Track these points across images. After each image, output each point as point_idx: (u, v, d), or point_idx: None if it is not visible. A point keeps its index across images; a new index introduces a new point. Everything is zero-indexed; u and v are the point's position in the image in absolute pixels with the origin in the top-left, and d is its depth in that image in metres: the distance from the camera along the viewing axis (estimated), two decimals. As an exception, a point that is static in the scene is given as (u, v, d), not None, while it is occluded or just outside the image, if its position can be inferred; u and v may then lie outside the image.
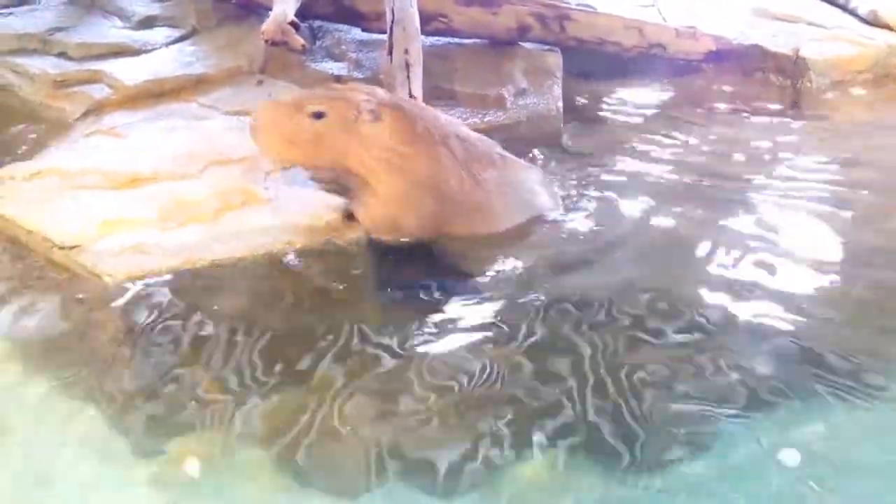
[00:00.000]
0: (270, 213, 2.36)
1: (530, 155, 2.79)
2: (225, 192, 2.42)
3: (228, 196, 2.40)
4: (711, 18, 3.74)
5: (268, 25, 2.19)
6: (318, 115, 2.17)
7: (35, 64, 3.13)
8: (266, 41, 2.18)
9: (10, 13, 3.49)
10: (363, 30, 3.36)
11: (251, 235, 2.27)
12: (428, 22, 3.26)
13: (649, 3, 3.91)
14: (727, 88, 3.49)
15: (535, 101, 3.13)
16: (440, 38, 3.40)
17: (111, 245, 2.20)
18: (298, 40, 2.19)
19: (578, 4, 3.54)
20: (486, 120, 3.04)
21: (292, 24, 2.19)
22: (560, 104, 3.14)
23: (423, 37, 3.34)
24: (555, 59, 3.32)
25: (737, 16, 3.83)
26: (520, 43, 3.37)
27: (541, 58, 3.33)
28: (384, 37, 2.94)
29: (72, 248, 2.20)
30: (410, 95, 2.50)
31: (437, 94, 3.13)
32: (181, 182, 2.44)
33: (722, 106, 3.36)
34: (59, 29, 3.33)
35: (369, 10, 3.23)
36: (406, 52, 2.68)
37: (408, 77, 2.57)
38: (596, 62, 3.43)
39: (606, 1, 3.63)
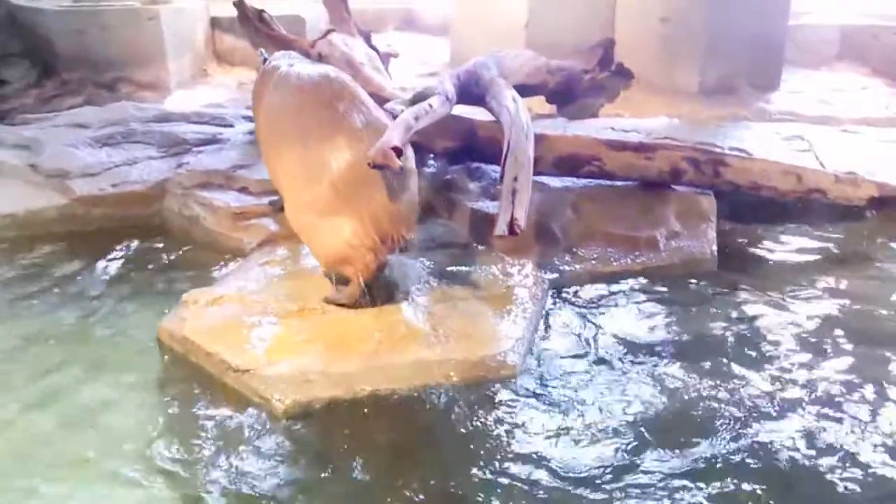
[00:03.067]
0: (429, 347, 2.41)
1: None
2: (387, 324, 2.51)
3: (390, 328, 2.49)
4: (873, 163, 3.64)
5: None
6: None
7: (219, 197, 3.45)
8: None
9: (202, 151, 3.92)
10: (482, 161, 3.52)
11: (410, 368, 2.33)
12: (582, 165, 3.37)
13: (805, 147, 3.86)
14: (892, 235, 3.33)
15: (688, 244, 3.10)
16: (592, 180, 3.47)
17: (280, 371, 2.30)
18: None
19: (731, 148, 3.55)
20: (638, 262, 3.04)
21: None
22: (714, 248, 3.09)
23: (576, 179, 3.46)
24: (709, 203, 3.31)
25: (900, 161, 3.71)
26: (673, 186, 3.40)
27: (694, 201, 3.32)
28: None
29: (244, 371, 2.32)
30: (513, 219, 2.55)
31: (590, 234, 3.18)
32: (347, 315, 2.55)
33: (886, 254, 3.19)
34: (241, 166, 3.68)
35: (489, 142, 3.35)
36: (515, 179, 2.75)
37: (512, 202, 2.63)
38: (752, 205, 3.37)
39: (762, 144, 3.62)
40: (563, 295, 2.89)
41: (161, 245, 3.33)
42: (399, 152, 2.37)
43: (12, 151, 3.91)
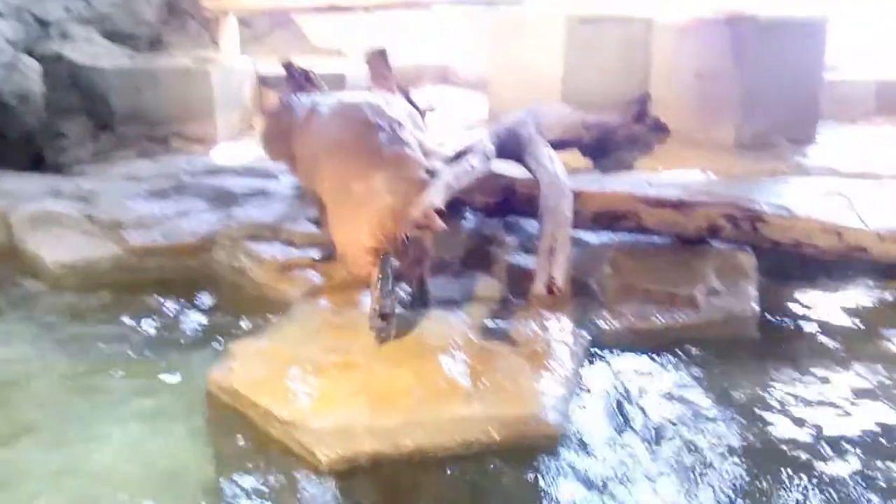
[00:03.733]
0: (469, 403, 2.44)
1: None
2: (427, 378, 2.56)
3: (431, 383, 2.53)
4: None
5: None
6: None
7: (265, 249, 3.56)
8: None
9: (249, 204, 4.06)
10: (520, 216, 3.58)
11: (451, 424, 2.36)
12: (619, 221, 3.42)
13: (845, 203, 3.85)
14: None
15: (728, 301, 3.11)
16: (629, 236, 3.51)
17: (325, 424, 2.36)
18: (439, 224, 2.43)
19: (770, 205, 3.56)
20: (678, 319, 3.05)
21: (437, 210, 2.44)
22: (755, 305, 3.09)
23: (612, 234, 3.51)
24: (748, 259, 3.32)
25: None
26: (710, 242, 3.42)
27: (733, 257, 3.34)
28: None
29: (289, 423, 2.38)
30: (551, 279, 2.59)
31: (627, 290, 3.20)
32: (389, 369, 2.61)
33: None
34: (287, 219, 3.82)
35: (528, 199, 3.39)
36: (553, 238, 2.80)
37: (550, 262, 2.67)
38: (793, 262, 3.37)
39: (800, 200, 3.62)
40: (603, 352, 2.91)
41: (210, 295, 3.44)
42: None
43: (71, 203, 4.10)
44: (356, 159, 2.81)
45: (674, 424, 2.50)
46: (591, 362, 2.84)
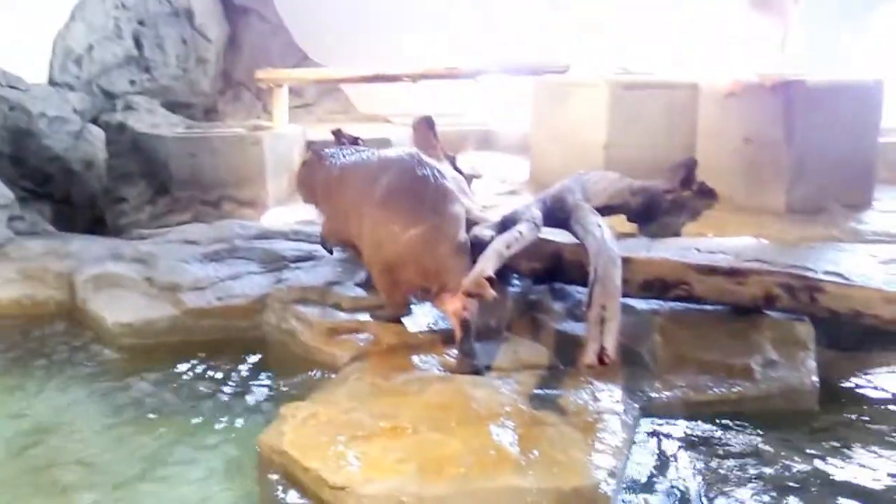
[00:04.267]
0: (520, 473, 2.39)
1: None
2: (477, 447, 2.52)
3: (481, 451, 2.49)
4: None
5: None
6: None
7: (313, 313, 3.61)
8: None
9: (299, 267, 4.13)
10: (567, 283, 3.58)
11: (502, 494, 2.31)
12: (669, 289, 3.38)
13: (905, 271, 3.75)
14: None
15: (786, 373, 3.02)
16: (680, 304, 3.46)
17: (375, 490, 2.33)
18: (491, 293, 2.46)
19: (826, 273, 3.48)
20: (733, 391, 2.97)
21: (488, 279, 2.46)
22: (815, 378, 3.00)
23: (663, 302, 3.46)
24: (806, 330, 3.22)
25: None
26: (766, 311, 3.35)
27: (790, 328, 3.25)
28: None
29: (340, 489, 2.36)
30: (602, 349, 2.55)
31: (679, 360, 3.15)
32: (437, 435, 2.59)
33: None
34: (334, 283, 3.86)
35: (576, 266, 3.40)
36: (603, 307, 2.78)
37: (601, 331, 2.64)
38: (853, 332, 3.27)
39: (858, 268, 3.54)
40: (655, 424, 2.85)
41: (261, 356, 3.49)
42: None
43: (131, 265, 4.23)
44: (398, 208, 3.17)
45: (728, 499, 2.41)
46: (644, 434, 2.77)
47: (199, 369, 3.37)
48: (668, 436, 2.77)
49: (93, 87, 6.63)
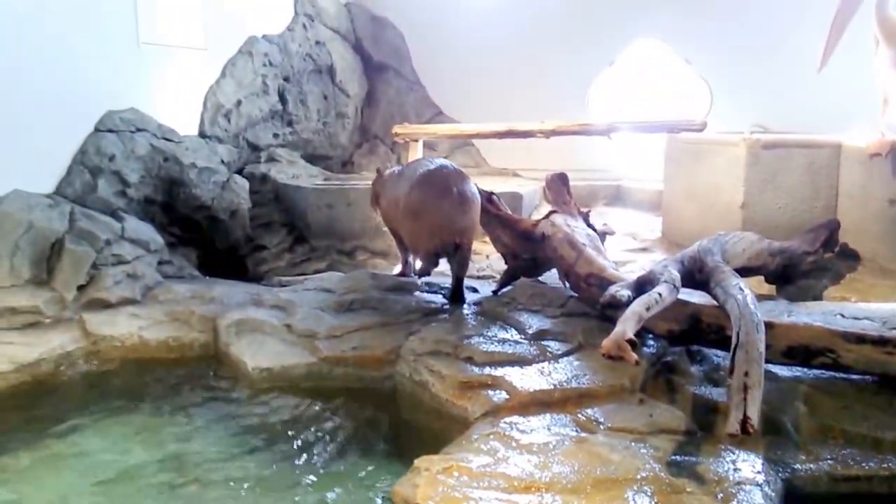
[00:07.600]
0: (658, 543, 2.36)
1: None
2: (613, 511, 2.51)
3: (617, 517, 2.48)
4: None
5: (607, 342, 2.47)
6: None
7: (446, 366, 3.69)
8: (603, 355, 2.45)
9: (432, 321, 4.25)
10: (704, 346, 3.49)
11: (640, 564, 2.29)
12: (814, 357, 3.25)
13: None
14: None
15: (947, 451, 2.82)
16: (825, 372, 3.31)
17: (511, 549, 2.37)
18: (633, 357, 2.44)
19: None
20: (884, 467, 2.80)
21: (629, 341, 2.44)
22: (982, 460, 2.78)
23: (806, 370, 3.33)
24: (968, 406, 3.01)
25: None
26: (921, 384, 3.15)
27: (950, 403, 3.05)
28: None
29: (476, 546, 2.41)
30: (745, 418, 2.46)
31: (824, 431, 3.00)
32: (572, 497, 2.59)
33: None
34: (468, 337, 3.93)
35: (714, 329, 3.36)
36: (746, 374, 2.68)
37: (744, 399, 2.55)
38: None
39: None
40: (798, 497, 2.72)
41: (392, 407, 3.60)
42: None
43: (271, 312, 4.51)
44: (430, 187, 4.34)
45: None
46: (788, 509, 2.66)
47: (331, 416, 3.51)
48: (813, 512, 2.64)
49: (239, 139, 7.08)
